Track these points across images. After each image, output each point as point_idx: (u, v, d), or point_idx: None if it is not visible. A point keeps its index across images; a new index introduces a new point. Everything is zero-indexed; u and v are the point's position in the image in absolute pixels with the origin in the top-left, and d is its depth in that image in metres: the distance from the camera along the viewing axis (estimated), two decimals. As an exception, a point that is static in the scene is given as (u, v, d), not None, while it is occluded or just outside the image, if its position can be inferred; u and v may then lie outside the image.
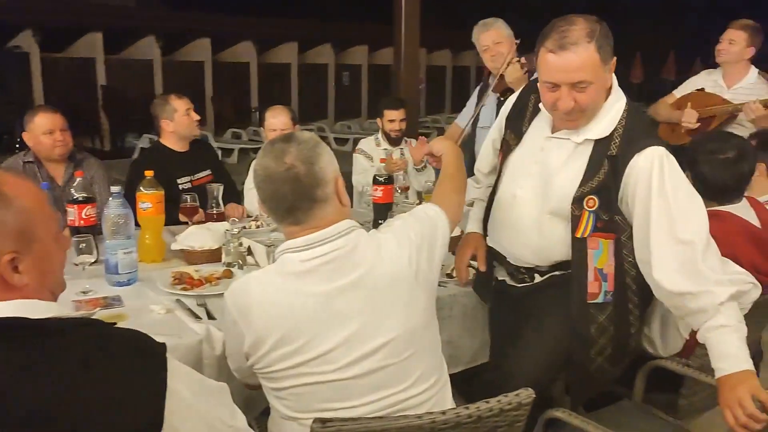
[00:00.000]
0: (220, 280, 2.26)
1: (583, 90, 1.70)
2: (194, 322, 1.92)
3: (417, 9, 5.78)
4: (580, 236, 1.82)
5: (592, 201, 1.79)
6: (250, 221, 3.09)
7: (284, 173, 1.44)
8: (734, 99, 3.51)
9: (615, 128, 1.78)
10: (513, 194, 1.96)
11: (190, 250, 2.50)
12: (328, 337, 1.45)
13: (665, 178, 1.71)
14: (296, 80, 15.47)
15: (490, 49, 3.55)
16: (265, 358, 1.48)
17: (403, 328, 1.49)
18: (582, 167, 1.81)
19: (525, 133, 1.97)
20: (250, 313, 1.47)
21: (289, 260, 1.48)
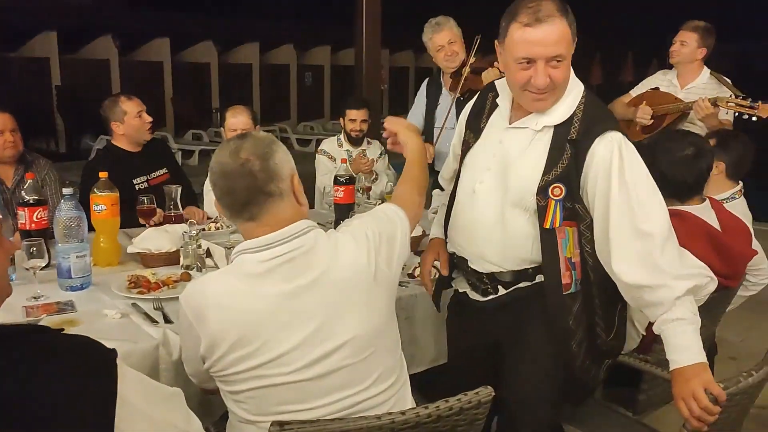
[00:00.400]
0: (178, 283, 2.22)
1: (557, 66, 1.66)
2: (150, 327, 1.88)
3: (378, 9, 5.78)
4: (549, 227, 1.74)
5: (558, 189, 1.72)
6: (209, 223, 3.04)
7: (239, 168, 1.43)
8: (687, 98, 3.59)
9: (574, 113, 1.74)
10: (472, 189, 1.87)
11: (146, 253, 2.45)
12: (285, 338, 1.43)
13: (625, 168, 1.68)
14: (258, 81, 15.35)
15: (444, 49, 3.56)
16: (221, 361, 1.45)
17: (362, 328, 1.48)
18: (543, 155, 1.74)
19: (483, 128, 1.90)
20: (206, 316, 1.44)
21: (246, 261, 1.46)
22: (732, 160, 2.81)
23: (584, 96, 1.77)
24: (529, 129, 1.78)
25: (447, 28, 3.56)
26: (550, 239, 1.77)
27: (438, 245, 2.11)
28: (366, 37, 5.74)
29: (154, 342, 1.80)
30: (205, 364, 1.49)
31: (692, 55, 3.62)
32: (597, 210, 1.73)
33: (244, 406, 1.49)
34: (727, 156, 2.80)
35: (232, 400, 1.52)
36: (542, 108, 1.73)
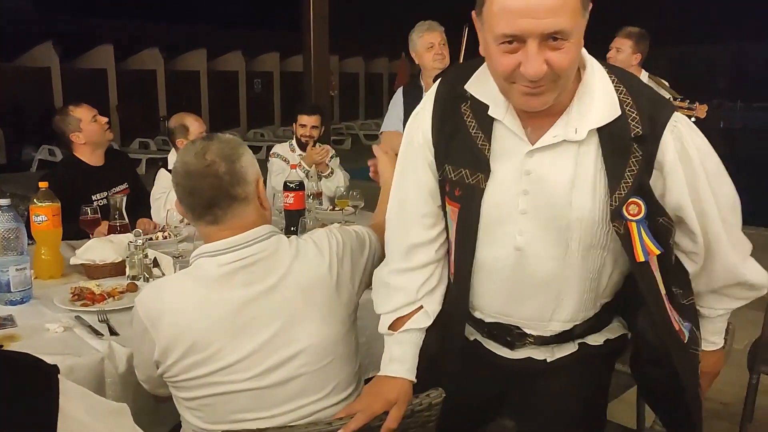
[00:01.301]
0: (124, 294, 2.17)
1: (559, 47, 1.16)
2: (95, 339, 1.83)
3: (326, 16, 5.80)
4: (644, 259, 1.28)
5: (635, 206, 1.26)
6: (156, 232, 2.98)
7: (204, 169, 1.41)
8: None
9: (621, 100, 1.27)
10: (513, 247, 1.36)
11: (90, 264, 2.38)
12: (240, 345, 1.41)
13: (705, 155, 1.33)
14: (206, 88, 15.14)
15: (435, 48, 3.57)
16: (174, 366, 1.43)
17: (320, 336, 1.47)
18: (599, 168, 1.28)
19: (491, 159, 1.33)
20: (161, 320, 1.42)
21: (204, 265, 1.44)
22: None
23: (614, 75, 1.30)
24: (568, 142, 1.27)
25: (439, 30, 3.59)
26: (647, 275, 1.33)
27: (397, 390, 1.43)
28: (314, 44, 5.76)
29: (99, 355, 1.74)
30: (159, 370, 1.46)
31: (628, 61, 3.75)
32: (688, 213, 1.32)
33: (197, 414, 1.47)
34: None
35: (185, 408, 1.49)
36: (537, 106, 1.24)
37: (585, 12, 1.20)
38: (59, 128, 3.18)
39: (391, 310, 1.49)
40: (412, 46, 3.68)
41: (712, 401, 3.26)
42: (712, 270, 1.40)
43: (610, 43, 3.81)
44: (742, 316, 4.42)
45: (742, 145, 21.61)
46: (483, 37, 1.25)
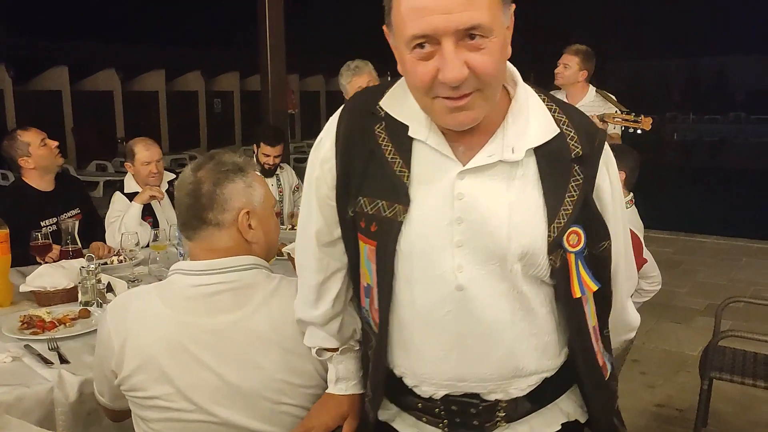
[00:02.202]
0: (76, 321, 2.13)
1: (479, 46, 1.01)
2: (44, 369, 1.79)
3: (282, 35, 5.81)
4: (579, 295, 1.14)
5: (575, 236, 1.12)
6: (111, 256, 2.94)
7: (188, 185, 1.41)
8: None
9: (556, 118, 1.15)
10: (455, 287, 1.13)
11: (41, 291, 2.33)
12: (190, 373, 1.37)
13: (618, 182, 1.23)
14: (165, 108, 14.99)
15: None
16: (128, 380, 1.40)
17: (276, 383, 1.39)
18: (538, 192, 1.12)
19: (413, 186, 1.14)
20: (124, 330, 1.40)
21: (177, 282, 1.42)
22: (628, 170, 2.98)
23: (540, 92, 1.19)
24: (503, 162, 1.12)
25: (366, 71, 3.60)
26: (576, 312, 1.18)
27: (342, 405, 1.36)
28: (271, 63, 5.76)
29: (49, 385, 1.71)
30: (116, 380, 1.43)
31: (574, 77, 3.87)
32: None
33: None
34: (626, 166, 2.97)
35: (143, 429, 1.45)
36: (466, 122, 1.07)
37: (506, 8, 1.05)
38: (7, 153, 3.12)
39: (316, 345, 1.34)
40: (343, 89, 3.68)
41: (668, 408, 3.34)
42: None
43: (558, 60, 3.91)
44: (695, 323, 4.57)
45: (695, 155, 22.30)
46: (397, 50, 1.09)
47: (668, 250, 6.45)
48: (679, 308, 4.85)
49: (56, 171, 3.24)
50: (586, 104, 3.87)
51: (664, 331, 4.40)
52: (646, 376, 3.68)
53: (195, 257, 1.44)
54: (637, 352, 3.96)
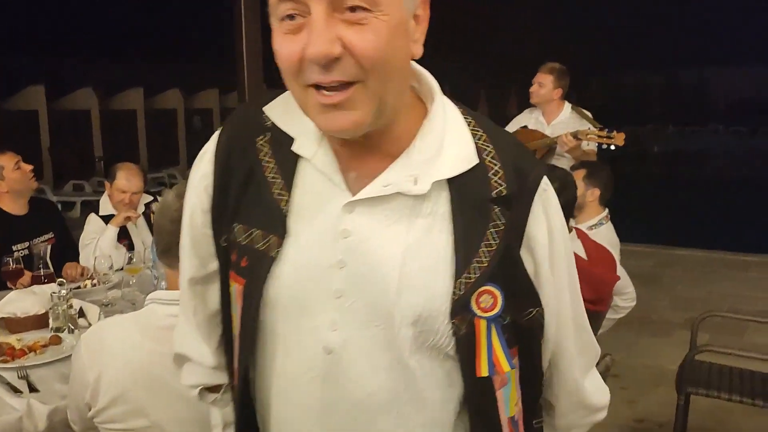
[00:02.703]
0: (47, 348, 2.09)
1: (360, 22, 0.79)
2: (13, 398, 1.76)
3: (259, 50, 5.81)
4: (488, 373, 0.90)
5: (489, 297, 0.88)
6: (85, 280, 2.90)
7: (173, 213, 1.37)
8: (553, 133, 3.84)
9: (478, 147, 0.91)
10: (322, 349, 0.91)
11: (10, 317, 2.29)
12: (167, 405, 1.36)
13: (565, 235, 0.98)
14: (144, 126, 14.90)
15: None
16: (102, 413, 1.38)
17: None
18: (446, 238, 0.89)
19: (293, 214, 0.92)
20: (99, 361, 1.38)
21: (154, 312, 1.40)
22: (602, 187, 3.01)
23: (472, 119, 0.94)
24: (403, 195, 0.89)
25: None
26: (485, 393, 0.92)
27: None
28: (248, 80, 5.75)
29: (17, 414, 1.69)
30: (90, 412, 1.41)
31: (549, 96, 3.90)
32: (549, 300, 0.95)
33: None
34: (600, 183, 3.00)
35: None
36: (345, 125, 0.84)
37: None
38: None
39: (199, 384, 1.09)
40: None
41: (648, 422, 3.35)
42: (551, 385, 1.02)
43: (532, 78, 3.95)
44: (675, 337, 4.59)
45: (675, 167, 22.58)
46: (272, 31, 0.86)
47: (648, 263, 6.51)
48: (659, 322, 4.88)
49: (29, 195, 3.20)
50: (562, 121, 3.91)
51: (644, 345, 4.42)
52: (626, 391, 3.69)
53: (173, 286, 1.42)
54: (616, 367, 3.97)
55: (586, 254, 2.29)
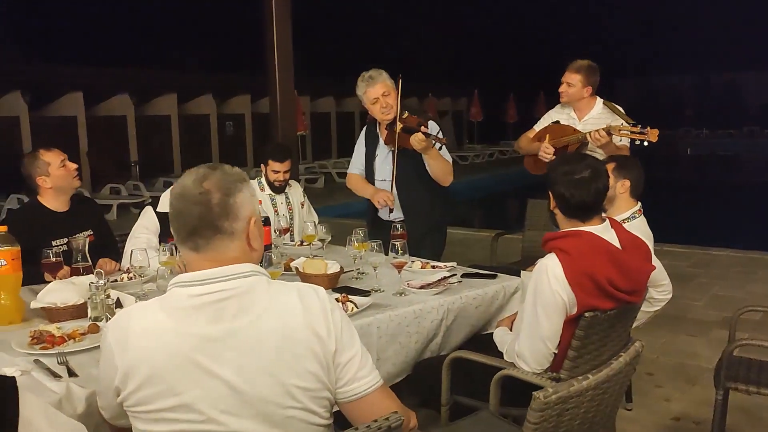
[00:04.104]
0: (85, 336, 2.14)
1: None
2: (53, 382, 1.80)
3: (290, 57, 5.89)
4: None
5: None
6: (121, 274, 2.96)
7: (197, 196, 1.41)
8: (585, 129, 3.79)
9: None
10: None
11: (51, 307, 2.35)
12: (197, 383, 1.37)
13: None
14: (177, 132, 15.13)
15: (379, 101, 3.60)
16: (133, 395, 1.40)
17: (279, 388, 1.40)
18: None
19: None
20: (126, 346, 1.40)
21: (177, 294, 1.42)
22: (633, 179, 2.97)
23: None
24: None
25: (380, 81, 3.62)
26: None
27: None
28: (279, 85, 5.83)
29: (57, 397, 1.72)
30: (119, 397, 1.43)
31: (579, 94, 3.84)
32: None
33: None
34: (630, 175, 2.96)
35: None
36: None
37: None
38: (27, 171, 3.16)
39: None
40: (360, 100, 3.73)
41: (685, 420, 3.28)
42: None
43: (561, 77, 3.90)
44: (712, 336, 4.50)
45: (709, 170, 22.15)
46: None
47: (683, 263, 6.39)
48: (695, 321, 4.79)
49: (71, 193, 3.28)
50: (594, 116, 3.86)
51: (680, 344, 4.34)
52: (662, 390, 3.63)
53: (196, 268, 1.44)
54: (652, 365, 3.91)
55: (620, 244, 2.25)
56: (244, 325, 1.40)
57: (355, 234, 2.96)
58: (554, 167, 2.36)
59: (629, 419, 3.23)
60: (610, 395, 1.75)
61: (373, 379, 1.51)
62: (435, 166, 3.57)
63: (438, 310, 2.60)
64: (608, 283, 2.14)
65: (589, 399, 1.66)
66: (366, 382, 1.50)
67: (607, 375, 1.67)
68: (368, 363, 1.52)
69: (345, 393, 1.49)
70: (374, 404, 1.50)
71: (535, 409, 1.54)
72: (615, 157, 3.15)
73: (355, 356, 1.49)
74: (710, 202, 13.58)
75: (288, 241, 3.85)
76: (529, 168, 4.14)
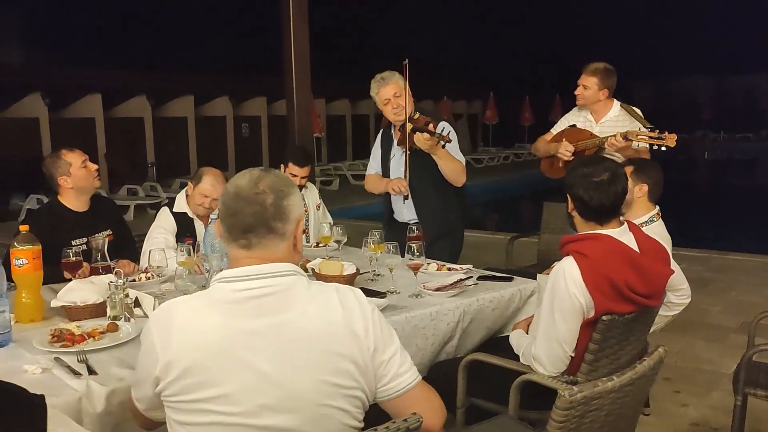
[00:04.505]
0: (104, 335, 2.16)
1: None
2: (73, 379, 1.82)
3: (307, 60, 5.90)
4: None
5: None
6: (139, 273, 2.99)
7: (253, 196, 1.47)
8: (601, 132, 3.76)
9: None
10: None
11: (71, 306, 2.38)
12: (236, 375, 1.39)
13: None
14: (194, 133, 15.23)
15: (391, 102, 3.62)
16: (173, 385, 1.42)
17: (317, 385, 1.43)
18: None
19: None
20: (169, 336, 1.42)
21: (219, 288, 1.46)
22: (651, 183, 2.95)
23: None
24: None
25: (392, 81, 3.63)
26: None
27: None
28: (296, 87, 5.84)
29: (77, 395, 1.74)
30: (158, 387, 1.45)
31: (595, 97, 3.82)
32: None
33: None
34: (648, 178, 2.94)
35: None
36: None
37: None
38: (48, 171, 3.20)
39: None
40: (375, 101, 3.75)
41: (703, 426, 3.25)
42: None
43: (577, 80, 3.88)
44: (729, 341, 4.45)
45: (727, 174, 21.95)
46: None
47: (700, 268, 6.33)
48: (712, 326, 4.74)
49: (91, 193, 3.32)
50: (611, 119, 3.84)
51: (698, 349, 4.30)
52: (680, 395, 3.60)
53: (241, 264, 1.48)
54: (669, 370, 3.88)
55: (639, 247, 2.24)
56: (284, 321, 1.44)
57: (371, 235, 2.97)
58: (573, 170, 2.35)
59: (647, 424, 3.21)
60: (631, 399, 1.74)
61: (414, 374, 1.56)
62: (445, 166, 3.58)
63: (454, 313, 2.61)
64: (626, 287, 2.12)
65: (610, 402, 1.65)
66: (409, 376, 1.54)
67: (630, 378, 1.66)
68: (408, 359, 1.57)
69: (390, 390, 1.53)
70: (418, 398, 1.55)
71: (561, 407, 1.54)
72: (633, 160, 3.13)
73: (396, 353, 1.54)
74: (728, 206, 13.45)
75: (304, 243, 3.86)
76: (545, 171, 4.12)
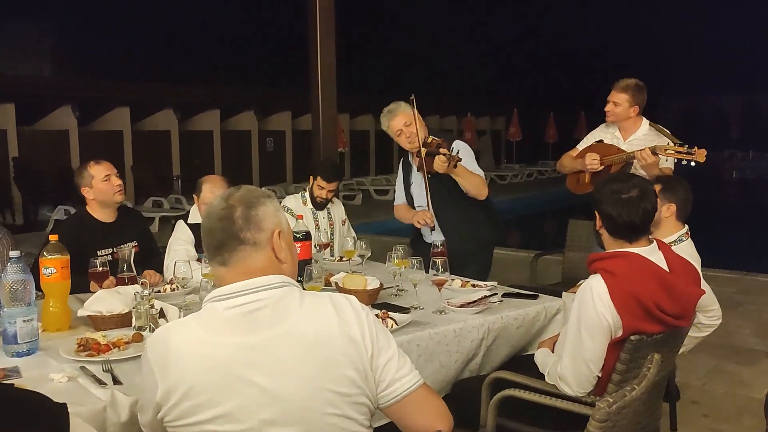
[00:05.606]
0: (130, 345, 2.18)
1: None
2: (98, 389, 1.83)
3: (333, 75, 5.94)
4: None
5: None
6: (164, 284, 3.01)
7: (221, 212, 1.48)
8: (629, 149, 3.73)
9: None
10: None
11: (97, 315, 2.40)
12: (235, 393, 1.39)
13: None
14: (219, 147, 15.40)
15: (403, 132, 3.65)
16: (174, 409, 1.41)
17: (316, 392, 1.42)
18: None
19: None
20: (167, 362, 1.42)
21: (211, 309, 1.46)
22: (679, 202, 2.90)
23: None
24: None
25: (400, 112, 3.66)
26: None
27: None
28: (322, 103, 5.89)
29: (102, 404, 1.75)
30: (161, 413, 1.45)
31: (625, 114, 3.78)
32: None
33: None
34: (676, 198, 2.90)
35: None
36: None
37: None
38: (76, 181, 3.29)
39: None
40: (389, 134, 3.79)
41: (733, 452, 3.17)
42: None
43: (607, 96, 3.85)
44: (760, 365, 4.35)
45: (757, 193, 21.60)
46: None
47: (729, 290, 6.20)
48: (743, 349, 4.64)
49: (116, 206, 3.36)
50: (639, 137, 3.80)
51: (727, 372, 4.20)
52: (708, 419, 3.51)
53: (226, 282, 1.48)
54: (697, 393, 3.79)
55: (668, 266, 2.20)
56: (279, 334, 1.42)
57: (395, 250, 2.96)
58: (601, 186, 2.33)
59: (674, 448, 3.14)
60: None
61: (414, 377, 1.52)
62: (466, 183, 3.58)
63: (478, 330, 2.58)
64: (655, 307, 2.08)
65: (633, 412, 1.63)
66: (407, 380, 1.51)
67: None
68: (407, 363, 1.53)
69: (388, 395, 1.50)
70: (419, 403, 1.52)
71: (599, 419, 1.53)
72: (661, 179, 3.08)
73: (393, 357, 1.51)
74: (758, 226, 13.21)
75: (328, 257, 3.86)
76: (571, 187, 4.08)
